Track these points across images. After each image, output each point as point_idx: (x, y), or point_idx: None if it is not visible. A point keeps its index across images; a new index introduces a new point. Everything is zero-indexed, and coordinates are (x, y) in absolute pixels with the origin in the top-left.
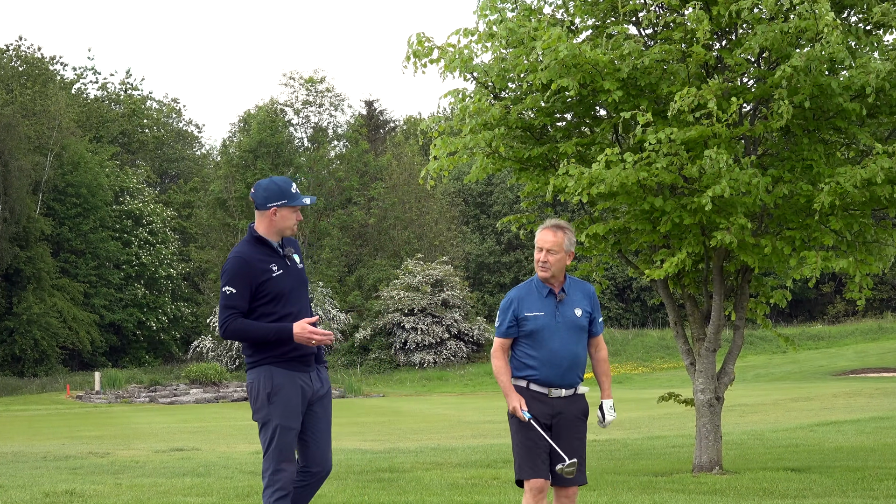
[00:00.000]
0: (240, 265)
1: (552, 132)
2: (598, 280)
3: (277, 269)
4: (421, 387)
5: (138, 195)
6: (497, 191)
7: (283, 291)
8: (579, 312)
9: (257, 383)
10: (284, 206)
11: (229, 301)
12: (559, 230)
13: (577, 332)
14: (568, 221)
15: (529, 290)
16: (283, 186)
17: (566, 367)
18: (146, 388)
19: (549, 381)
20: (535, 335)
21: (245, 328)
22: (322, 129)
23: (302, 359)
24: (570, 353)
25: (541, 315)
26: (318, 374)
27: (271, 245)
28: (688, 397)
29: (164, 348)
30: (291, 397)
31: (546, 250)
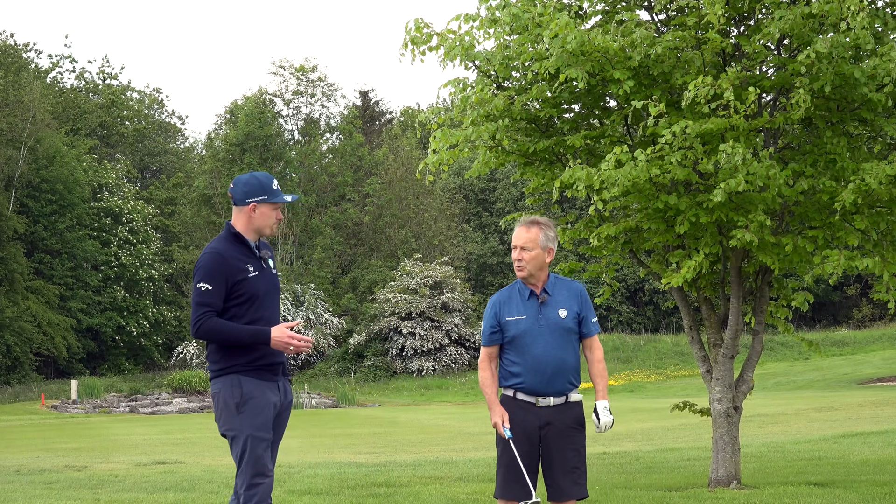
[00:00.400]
0: (216, 261)
1: (559, 124)
2: (607, 282)
3: (254, 270)
4: (419, 396)
5: (118, 191)
6: (500, 187)
7: (257, 294)
8: (564, 313)
9: (224, 393)
10: (264, 202)
11: (204, 298)
12: (533, 226)
13: (562, 335)
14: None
15: (511, 293)
16: (263, 181)
17: (551, 373)
18: (126, 397)
19: (534, 389)
20: (517, 341)
21: (220, 328)
22: (314, 120)
23: (271, 367)
24: (556, 358)
25: (522, 319)
26: (283, 384)
27: (248, 244)
28: (704, 407)
29: (146, 355)
30: (262, 407)
31: (520, 248)
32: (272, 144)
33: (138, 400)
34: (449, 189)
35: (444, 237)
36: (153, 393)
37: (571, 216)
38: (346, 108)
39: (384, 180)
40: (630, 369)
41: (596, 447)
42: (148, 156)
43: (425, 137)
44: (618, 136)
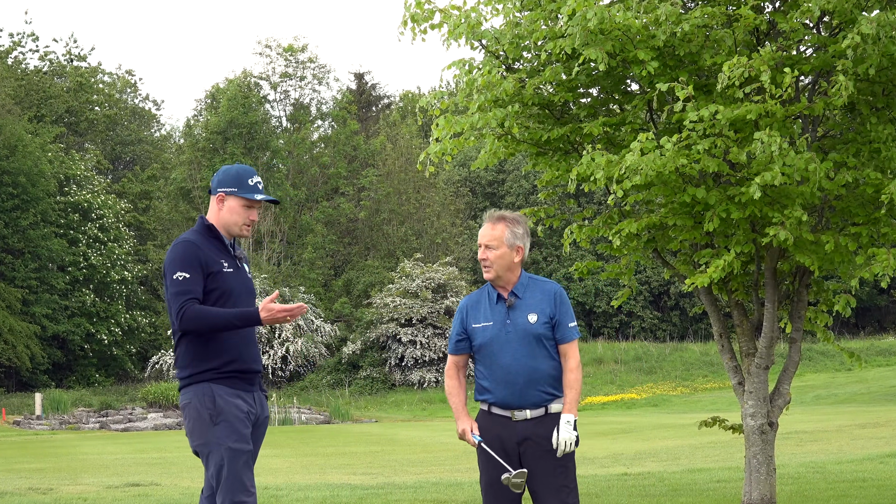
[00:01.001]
0: (190, 249)
1: (575, 110)
2: (627, 284)
3: (227, 266)
4: (420, 410)
5: (87, 184)
6: (510, 179)
7: (232, 290)
8: (534, 318)
9: (195, 404)
10: (234, 195)
11: (182, 286)
12: (499, 222)
13: (531, 342)
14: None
15: (481, 298)
16: (239, 173)
17: (523, 384)
18: (96, 412)
19: (506, 402)
20: (484, 350)
21: (206, 313)
22: (304, 106)
23: (246, 376)
24: (526, 367)
25: (489, 326)
26: (260, 397)
27: (223, 240)
28: (735, 423)
29: (118, 365)
30: (239, 416)
31: (485, 246)
32: (257, 132)
33: (109, 415)
34: (453, 182)
35: (448, 235)
36: (126, 407)
37: (589, 212)
38: (340, 92)
39: (381, 172)
40: (654, 381)
41: (616, 468)
42: (120, 145)
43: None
44: (640, 123)
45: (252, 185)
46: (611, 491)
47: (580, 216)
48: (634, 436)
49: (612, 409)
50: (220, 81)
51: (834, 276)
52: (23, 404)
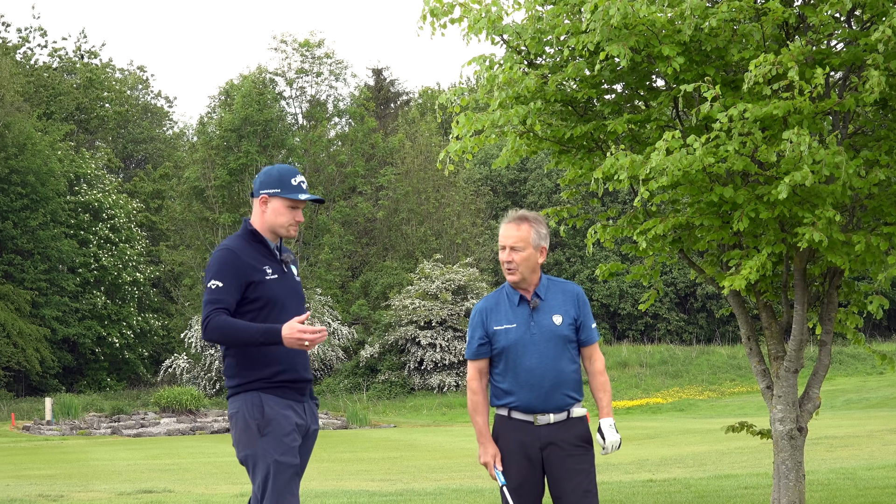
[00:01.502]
0: (229, 257)
1: (599, 107)
2: (654, 286)
3: (272, 273)
4: (440, 415)
5: (97, 184)
6: (532, 178)
7: (277, 299)
8: (559, 320)
9: (243, 413)
10: (277, 196)
11: (213, 295)
12: (524, 222)
13: (558, 344)
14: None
15: (499, 299)
16: (281, 174)
17: (548, 387)
18: (107, 417)
19: (530, 406)
20: (507, 353)
21: (228, 325)
22: (320, 103)
23: (296, 385)
24: (552, 369)
25: (512, 328)
26: (310, 407)
27: (266, 244)
28: (764, 428)
29: (130, 369)
30: (287, 429)
31: (510, 248)
32: (273, 130)
33: (121, 420)
34: (474, 181)
35: (469, 235)
36: (138, 412)
37: (613, 211)
38: (357, 88)
39: (400, 170)
40: (679, 385)
41: (641, 474)
42: (131, 143)
43: (447, 122)
44: (666, 121)
45: (296, 185)
46: (636, 498)
47: (604, 216)
48: (660, 441)
49: (637, 414)
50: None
51: (866, 276)
52: (32, 409)
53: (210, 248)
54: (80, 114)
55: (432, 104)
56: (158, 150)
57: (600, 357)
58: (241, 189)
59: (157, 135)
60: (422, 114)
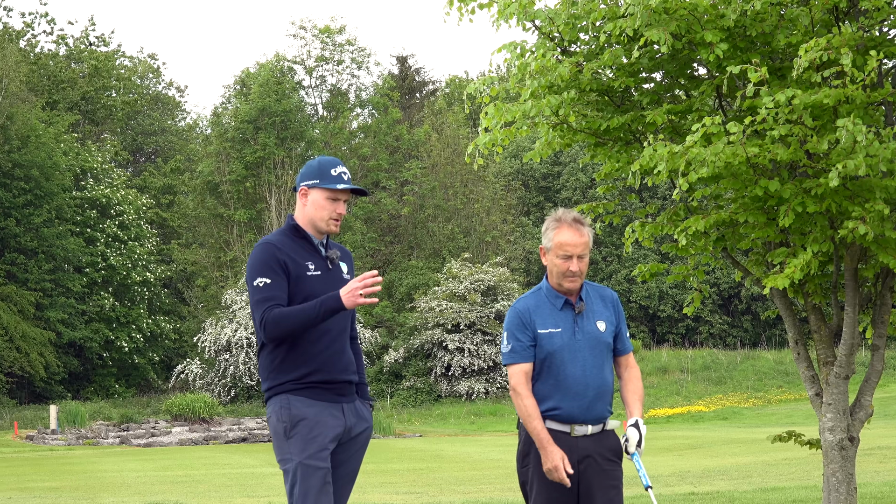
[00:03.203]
0: (270, 250)
1: (637, 96)
2: (696, 287)
3: (314, 269)
4: (469, 424)
5: (105, 178)
6: (566, 172)
7: (317, 296)
8: (603, 326)
9: (274, 417)
10: (316, 187)
11: (263, 293)
12: (583, 226)
13: (602, 352)
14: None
15: (539, 301)
16: (322, 164)
17: (592, 396)
18: (116, 425)
19: (571, 415)
20: (551, 359)
21: (285, 315)
22: (342, 92)
23: (329, 385)
24: (597, 378)
25: (556, 332)
26: (354, 408)
27: (310, 239)
28: (813, 438)
29: (139, 375)
30: (314, 430)
31: (577, 257)
32: (291, 121)
33: (130, 429)
34: (504, 175)
35: (499, 233)
36: (148, 421)
37: (652, 207)
38: (381, 77)
39: (426, 164)
40: (723, 392)
41: (682, 486)
42: (141, 135)
43: (475, 113)
44: (708, 111)
45: (335, 175)
46: None
47: (643, 212)
48: (702, 452)
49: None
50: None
51: None
52: (36, 417)
53: (225, 247)
54: (87, 104)
55: (460, 94)
56: (170, 143)
57: (636, 366)
58: (258, 184)
59: (168, 126)
60: (449, 104)
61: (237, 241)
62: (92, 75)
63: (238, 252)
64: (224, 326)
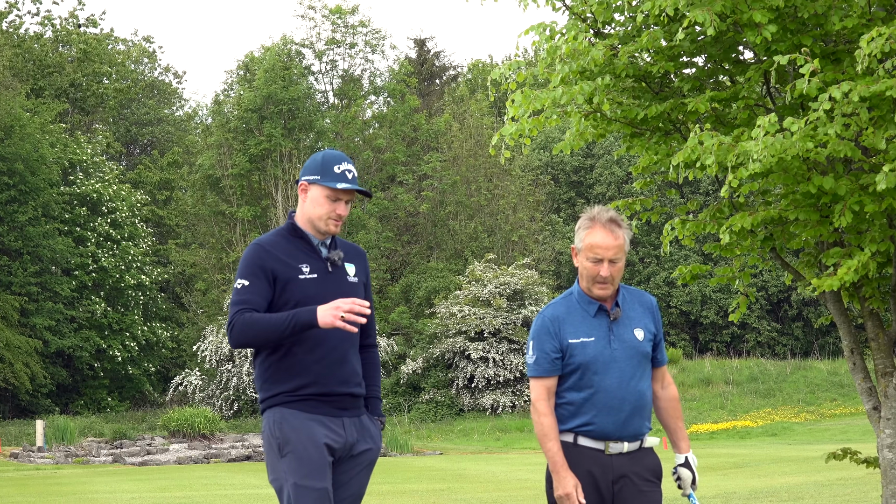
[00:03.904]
0: (255, 252)
1: (677, 83)
2: (742, 291)
3: (309, 271)
4: (494, 441)
5: (96, 172)
6: (600, 165)
7: (310, 301)
8: (641, 334)
9: (267, 432)
10: (316, 183)
11: (240, 296)
12: (617, 227)
13: (640, 363)
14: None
15: (570, 308)
16: (326, 159)
17: (629, 411)
18: (108, 442)
19: (605, 432)
20: (583, 370)
21: (253, 321)
22: (354, 78)
23: (327, 399)
24: (634, 391)
25: (590, 342)
26: (359, 424)
27: (308, 239)
28: (870, 455)
29: (134, 387)
30: (309, 447)
31: (608, 261)
32: (300, 110)
33: (124, 446)
34: (532, 168)
35: (526, 232)
36: (143, 437)
37: (694, 204)
38: (397, 62)
39: (447, 157)
40: (772, 405)
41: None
42: (135, 125)
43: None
44: (755, 99)
45: (338, 172)
46: None
47: (683, 209)
48: (749, 471)
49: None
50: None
51: None
52: (21, 433)
53: (227, 247)
54: (76, 91)
55: (484, 80)
56: (167, 134)
57: (671, 380)
58: (262, 178)
59: (165, 116)
60: (472, 91)
61: (240, 241)
62: (81, 60)
63: (241, 253)
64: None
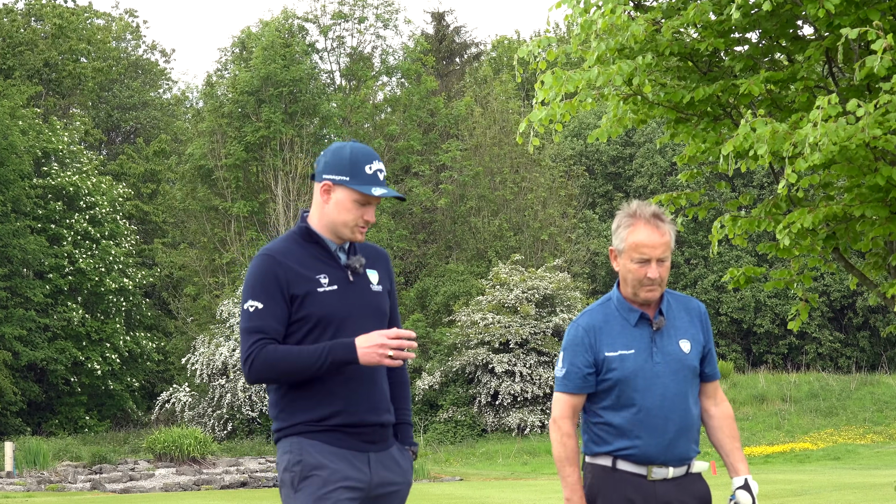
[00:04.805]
0: (265, 265)
1: (728, 61)
2: (801, 296)
3: (328, 283)
4: (521, 465)
5: (73, 163)
6: (640, 155)
7: (332, 317)
8: (687, 346)
9: (283, 464)
10: (343, 185)
11: (252, 322)
12: (663, 223)
13: (686, 378)
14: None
15: (608, 316)
16: (355, 156)
17: (674, 432)
18: (86, 467)
19: (648, 455)
20: (622, 387)
21: (279, 358)
22: (364, 57)
23: (353, 430)
24: (680, 410)
25: (630, 354)
26: (387, 458)
27: (325, 245)
28: None
29: (115, 405)
30: (328, 485)
31: (656, 260)
32: (302, 92)
33: (104, 471)
34: (564, 159)
35: (557, 230)
36: (126, 461)
37: (746, 198)
38: (412, 38)
39: (468, 145)
40: (834, 425)
41: None
42: (117, 110)
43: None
44: (815, 80)
45: (370, 173)
46: None
47: (734, 204)
48: (809, 499)
49: (779, 464)
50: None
51: None
52: None
53: (220, 247)
54: (50, 71)
55: (510, 59)
56: (152, 120)
57: (724, 397)
58: (260, 169)
59: (150, 99)
60: (496, 72)
61: (235, 241)
62: (56, 36)
63: (236, 253)
64: (219, 345)
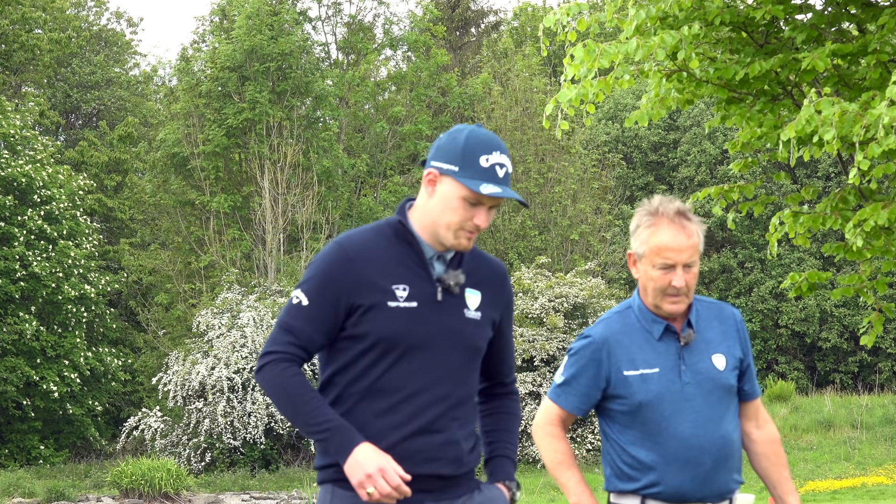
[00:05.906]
0: (332, 258)
1: (788, 32)
2: (875, 306)
3: (407, 297)
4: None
5: (25, 150)
6: (686, 141)
7: (399, 341)
8: (722, 362)
9: None
10: (451, 176)
11: (291, 319)
12: (688, 220)
13: (720, 399)
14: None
15: (628, 327)
16: (470, 143)
17: (711, 464)
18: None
19: (681, 492)
20: (646, 412)
21: (281, 386)
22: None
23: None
24: (716, 437)
25: (653, 374)
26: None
27: (419, 248)
28: None
29: (75, 431)
30: None
31: (682, 266)
32: (293, 68)
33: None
34: (598, 145)
35: (590, 228)
36: (87, 498)
37: (810, 191)
38: (420, 5)
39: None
40: None
41: None
42: (77, 88)
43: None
44: (889, 54)
45: (485, 166)
46: None
47: (796, 198)
48: None
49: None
50: None
51: None
52: None
53: (197, 248)
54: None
55: (534, 29)
56: (118, 100)
57: (768, 417)
58: (244, 158)
59: (115, 76)
60: (518, 44)
61: (214, 241)
62: (5, 3)
63: (216, 255)
64: (196, 362)
